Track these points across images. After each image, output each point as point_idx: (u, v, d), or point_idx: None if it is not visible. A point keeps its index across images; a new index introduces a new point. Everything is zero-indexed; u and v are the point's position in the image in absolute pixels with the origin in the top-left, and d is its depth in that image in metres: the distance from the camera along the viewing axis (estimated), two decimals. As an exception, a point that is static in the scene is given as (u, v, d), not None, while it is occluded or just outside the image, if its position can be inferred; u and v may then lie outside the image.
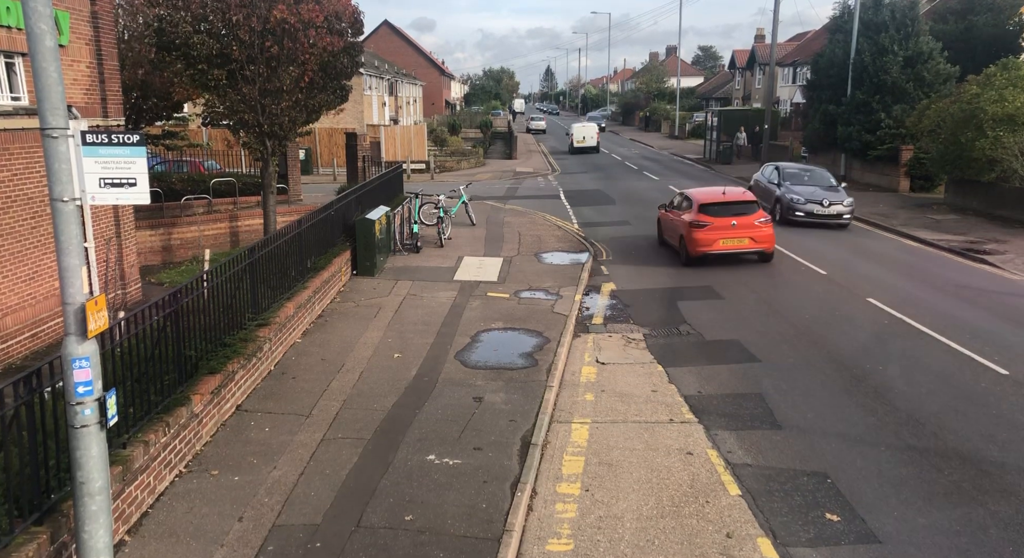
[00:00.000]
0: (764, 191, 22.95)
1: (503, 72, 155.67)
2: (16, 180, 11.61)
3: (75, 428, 5.06)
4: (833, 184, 22.44)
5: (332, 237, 14.51)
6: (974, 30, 30.75)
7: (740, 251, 16.63)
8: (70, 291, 4.97)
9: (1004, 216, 21.80)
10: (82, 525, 5.14)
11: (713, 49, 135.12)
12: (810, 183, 22.38)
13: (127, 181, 5.52)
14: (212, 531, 6.45)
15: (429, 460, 7.67)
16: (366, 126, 45.16)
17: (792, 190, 21.80)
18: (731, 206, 16.72)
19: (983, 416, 8.90)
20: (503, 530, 6.47)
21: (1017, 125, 21.22)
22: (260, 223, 20.16)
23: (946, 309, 13.20)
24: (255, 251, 10.27)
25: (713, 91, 77.01)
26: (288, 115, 16.56)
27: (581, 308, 13.67)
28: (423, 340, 11.41)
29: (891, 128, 28.41)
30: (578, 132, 50.80)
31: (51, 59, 4.77)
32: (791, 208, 21.38)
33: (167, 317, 7.55)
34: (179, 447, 7.36)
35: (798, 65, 50.56)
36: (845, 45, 30.83)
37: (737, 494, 7.31)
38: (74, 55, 12.73)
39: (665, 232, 18.74)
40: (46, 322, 12.23)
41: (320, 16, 15.61)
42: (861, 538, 6.58)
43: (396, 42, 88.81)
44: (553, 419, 8.98)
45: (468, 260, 16.96)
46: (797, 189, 21.84)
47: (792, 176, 22.81)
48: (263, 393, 9.32)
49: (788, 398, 9.59)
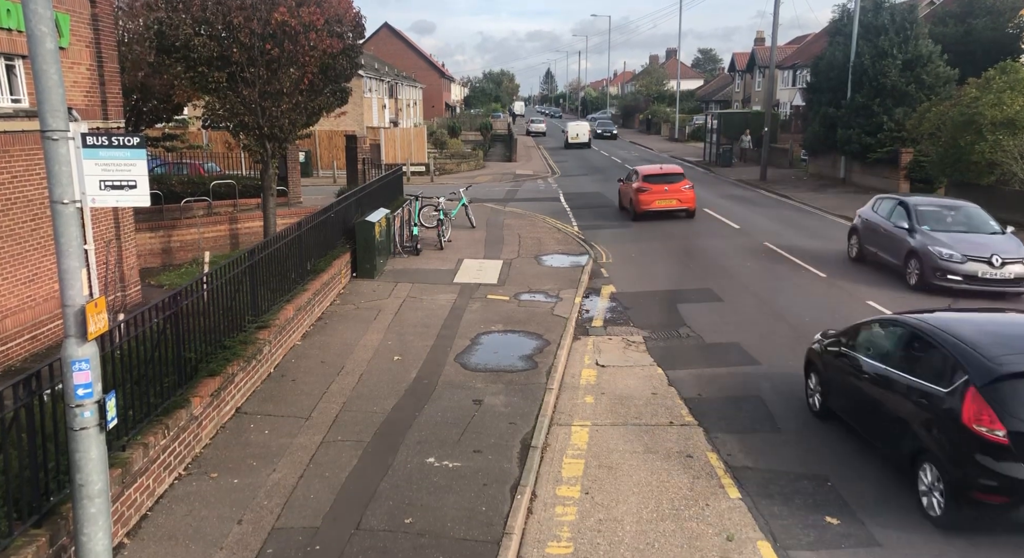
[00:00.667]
0: (885, 238, 16.16)
1: (503, 75, 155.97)
2: (16, 182, 11.61)
3: (74, 430, 5.06)
4: (995, 228, 15.43)
5: (332, 239, 14.51)
6: (973, 33, 30.78)
7: (671, 209, 22.78)
8: (70, 293, 4.97)
9: (1004, 219, 21.70)
10: (81, 527, 5.13)
11: (713, 52, 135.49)
12: (960, 227, 15.37)
13: (127, 183, 5.53)
14: (211, 534, 6.44)
15: (429, 463, 7.67)
16: (366, 128, 45.17)
17: (936, 240, 14.64)
18: (665, 177, 23.19)
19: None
20: (503, 533, 6.46)
21: (1016, 128, 21.22)
22: (260, 225, 20.16)
23: (946, 312, 13.17)
24: (255, 253, 10.27)
25: (713, 94, 77.08)
26: (288, 117, 16.58)
27: (581, 310, 13.66)
28: (423, 342, 11.41)
29: (891, 131, 28.42)
30: (572, 130, 58.38)
31: (51, 61, 4.77)
32: (940, 268, 14.20)
33: (167, 319, 7.54)
34: (178, 449, 7.35)
35: (798, 68, 50.63)
36: (845, 48, 30.86)
37: (737, 497, 7.31)
38: (74, 57, 12.74)
39: (623, 199, 24.93)
40: (46, 324, 12.22)
41: (320, 19, 15.64)
42: (861, 542, 6.58)
43: (396, 44, 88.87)
44: (553, 422, 8.97)
45: (468, 262, 16.96)
46: (943, 238, 14.70)
47: (931, 217, 15.58)
48: (263, 395, 9.31)
49: (788, 401, 9.58)
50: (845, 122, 30.41)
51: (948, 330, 7.17)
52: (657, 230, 21.86)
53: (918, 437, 6.89)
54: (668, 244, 19.85)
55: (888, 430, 7.46)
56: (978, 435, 6.26)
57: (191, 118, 25.48)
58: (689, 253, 18.64)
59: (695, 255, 18.35)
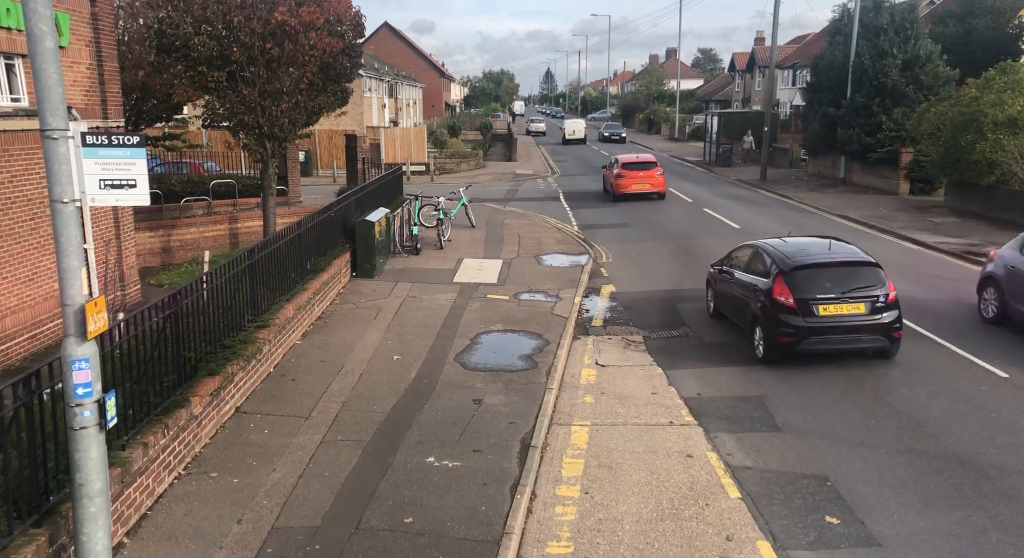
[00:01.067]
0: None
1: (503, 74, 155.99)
2: (16, 181, 11.60)
3: (74, 430, 5.05)
4: None
5: (332, 239, 14.51)
6: (973, 33, 30.78)
7: (644, 192, 27.38)
8: (70, 292, 4.97)
9: (1004, 219, 21.80)
10: (81, 527, 5.13)
11: (713, 51, 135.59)
12: None
13: (127, 182, 5.53)
14: (211, 533, 6.43)
15: (428, 462, 7.67)
16: (366, 128, 45.15)
17: None
18: (641, 165, 28.13)
19: (983, 419, 8.89)
20: (503, 532, 6.46)
21: (1018, 128, 21.23)
22: (260, 225, 20.15)
23: (945, 311, 13.19)
24: (255, 253, 10.26)
25: (713, 93, 77.06)
26: (288, 117, 16.56)
27: (581, 310, 13.66)
28: (423, 342, 11.40)
29: (891, 131, 28.41)
30: (569, 127, 63.40)
31: (51, 60, 4.77)
32: None
33: (167, 319, 7.54)
34: (178, 449, 7.35)
35: (798, 68, 50.61)
36: (845, 48, 30.85)
37: (737, 497, 7.31)
38: (74, 57, 12.73)
39: (605, 183, 29.79)
40: (45, 323, 12.22)
41: (320, 18, 15.62)
42: (861, 541, 6.58)
43: (396, 44, 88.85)
44: (553, 421, 8.97)
45: (468, 262, 16.95)
46: None
47: None
48: (262, 395, 9.31)
49: (788, 401, 9.59)
50: (845, 122, 30.41)
51: (773, 247, 11.54)
52: (657, 230, 21.87)
53: (754, 310, 11.11)
54: (668, 244, 19.86)
55: (742, 311, 11.74)
56: (780, 303, 10.47)
57: (191, 117, 25.47)
58: (689, 253, 18.64)
59: (695, 255, 18.35)
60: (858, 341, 10.44)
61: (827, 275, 10.60)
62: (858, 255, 11.14)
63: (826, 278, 10.55)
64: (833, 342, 10.40)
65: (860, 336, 10.39)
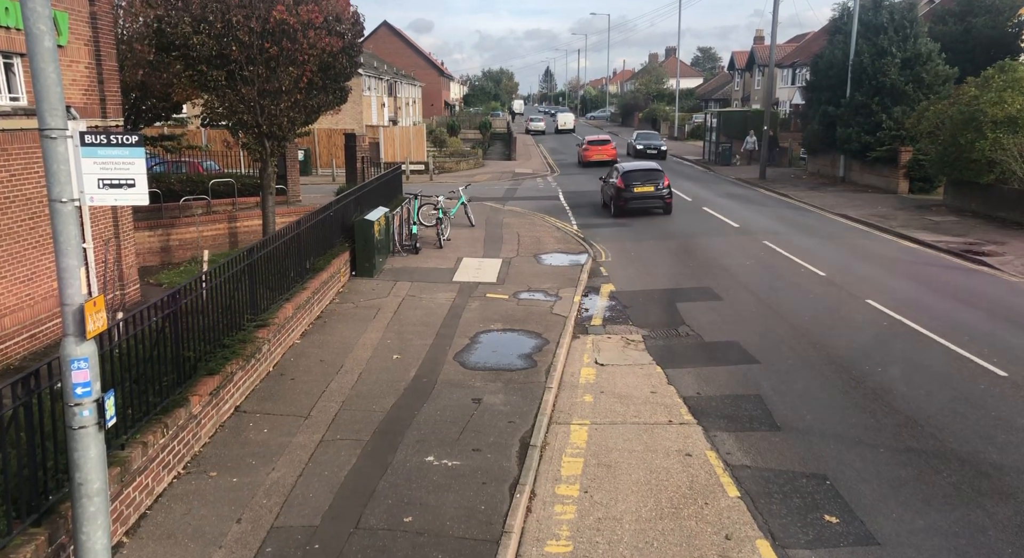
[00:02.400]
0: None
1: (502, 73, 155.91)
2: (14, 181, 11.60)
3: (73, 429, 5.05)
4: None
5: (331, 238, 14.51)
6: (973, 32, 30.77)
7: (602, 160, 39.90)
8: (69, 292, 4.97)
9: (1003, 218, 21.81)
10: (80, 526, 5.13)
11: (712, 50, 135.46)
12: None
13: (126, 182, 5.51)
14: (210, 533, 6.44)
15: (428, 461, 7.67)
16: (365, 127, 45.12)
17: None
18: (600, 142, 42.29)
19: (981, 418, 8.90)
20: (502, 531, 6.47)
21: (1017, 127, 21.23)
22: (259, 224, 20.16)
23: (945, 311, 13.20)
24: (254, 252, 10.26)
25: (712, 92, 77.06)
26: (287, 116, 16.55)
27: (580, 309, 13.67)
28: (422, 341, 11.41)
29: (890, 130, 28.42)
30: (560, 119, 78.33)
31: (50, 60, 4.76)
32: None
33: (166, 318, 7.54)
34: (177, 448, 7.35)
35: (797, 66, 50.57)
36: (844, 46, 30.86)
37: (736, 496, 7.31)
38: (73, 56, 12.72)
39: (580, 158, 42.68)
40: (44, 323, 12.22)
41: (319, 17, 15.61)
42: (860, 540, 6.59)
43: (395, 43, 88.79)
44: (552, 420, 8.98)
45: (467, 261, 16.96)
46: None
47: None
48: (262, 394, 9.32)
49: (787, 399, 9.59)
50: (844, 121, 30.41)
51: (619, 167, 25.25)
52: (657, 229, 21.88)
53: (610, 194, 24.71)
54: (667, 243, 19.87)
55: (608, 197, 25.17)
56: (620, 187, 23.87)
57: (190, 117, 25.47)
58: (688, 252, 18.64)
59: (694, 253, 18.36)
60: (652, 204, 23.71)
61: (638, 175, 24.05)
62: (653, 166, 25.09)
63: (638, 177, 23.91)
64: (640, 204, 23.69)
65: (653, 201, 23.66)
